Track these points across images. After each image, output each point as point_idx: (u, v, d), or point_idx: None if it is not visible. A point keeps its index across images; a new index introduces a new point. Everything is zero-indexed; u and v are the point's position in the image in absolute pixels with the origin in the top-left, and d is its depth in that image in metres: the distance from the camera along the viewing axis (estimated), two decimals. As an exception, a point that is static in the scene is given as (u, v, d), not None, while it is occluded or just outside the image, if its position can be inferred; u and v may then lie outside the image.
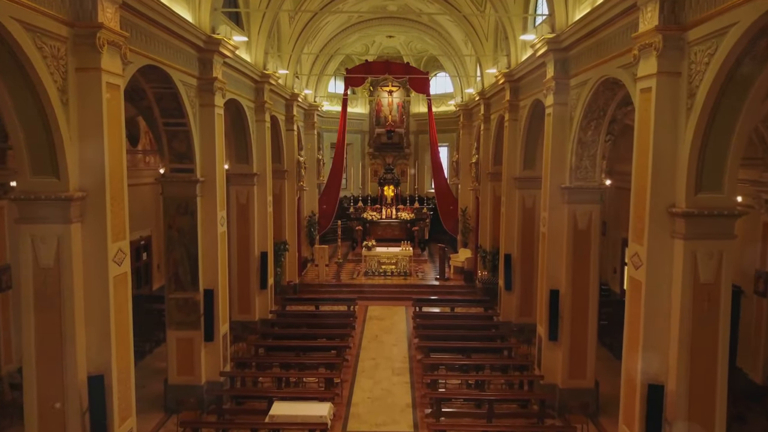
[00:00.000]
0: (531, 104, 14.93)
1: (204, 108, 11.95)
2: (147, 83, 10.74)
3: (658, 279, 7.51)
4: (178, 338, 12.06)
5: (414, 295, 20.61)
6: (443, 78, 30.77)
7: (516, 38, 16.01)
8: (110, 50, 7.60)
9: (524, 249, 16.33)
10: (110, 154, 7.65)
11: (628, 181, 8.18)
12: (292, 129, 21.02)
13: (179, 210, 11.87)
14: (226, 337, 12.81)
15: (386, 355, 15.42)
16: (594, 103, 10.91)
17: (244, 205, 16.42)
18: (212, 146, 12.05)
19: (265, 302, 17.09)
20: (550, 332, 12.06)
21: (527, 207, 16.37)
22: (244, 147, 16.12)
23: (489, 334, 15.21)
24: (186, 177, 11.79)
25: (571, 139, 11.61)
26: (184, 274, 11.97)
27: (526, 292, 16.47)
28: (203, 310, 12.01)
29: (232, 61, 13.51)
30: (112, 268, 7.70)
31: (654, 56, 7.34)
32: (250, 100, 16.08)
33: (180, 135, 11.61)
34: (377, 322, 18.51)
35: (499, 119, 18.56)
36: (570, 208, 11.81)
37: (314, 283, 22.08)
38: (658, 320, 7.53)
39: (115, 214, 7.78)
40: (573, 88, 11.64)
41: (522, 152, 16.12)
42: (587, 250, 11.83)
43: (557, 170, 12.01)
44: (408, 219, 27.29)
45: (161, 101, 11.16)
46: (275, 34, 18.93)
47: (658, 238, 7.46)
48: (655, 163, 7.41)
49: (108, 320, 7.61)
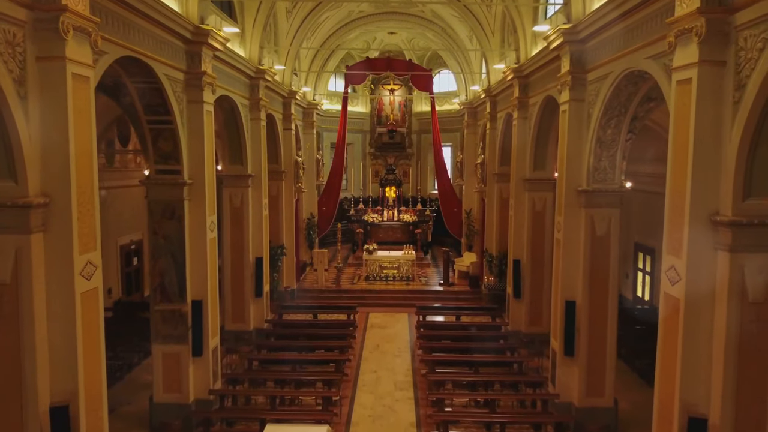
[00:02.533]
0: (542, 101, 14.05)
1: (192, 104, 11.06)
2: (128, 77, 9.85)
3: (699, 296, 6.58)
4: (164, 353, 11.17)
5: (417, 301, 19.75)
6: (446, 76, 29.87)
7: (526, 31, 15.11)
8: (77, 37, 6.71)
9: (534, 255, 15.44)
10: (78, 155, 6.76)
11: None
12: (290, 128, 20.13)
13: (165, 214, 10.98)
14: (216, 351, 11.92)
15: (388, 367, 14.53)
16: (615, 98, 10.00)
17: (238, 208, 15.52)
18: (201, 146, 11.17)
19: (260, 310, 16.19)
20: (566, 347, 11.16)
21: (537, 210, 15.49)
22: (238, 147, 15.23)
23: (498, 345, 14.31)
24: (172, 179, 10.90)
25: (589, 138, 10.71)
26: (170, 284, 11.08)
27: (535, 300, 15.59)
28: (191, 323, 11.13)
29: (223, 55, 12.63)
30: (80, 283, 6.81)
31: (695, 43, 6.43)
32: (245, 98, 15.19)
33: (165, 133, 10.72)
34: (379, 330, 17.62)
35: (507, 117, 17.68)
36: (587, 212, 10.91)
37: (313, 289, 21.18)
38: (699, 343, 6.62)
39: (83, 222, 6.89)
40: (591, 83, 10.73)
41: (532, 152, 15.24)
42: (606, 258, 10.94)
43: (573, 172, 11.12)
44: (410, 221, 26.40)
45: (144, 97, 10.27)
46: (271, 29, 18.03)
47: (700, 249, 6.54)
48: (696, 165, 6.50)
49: (74, 343, 6.71)
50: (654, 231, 17.25)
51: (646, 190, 15.74)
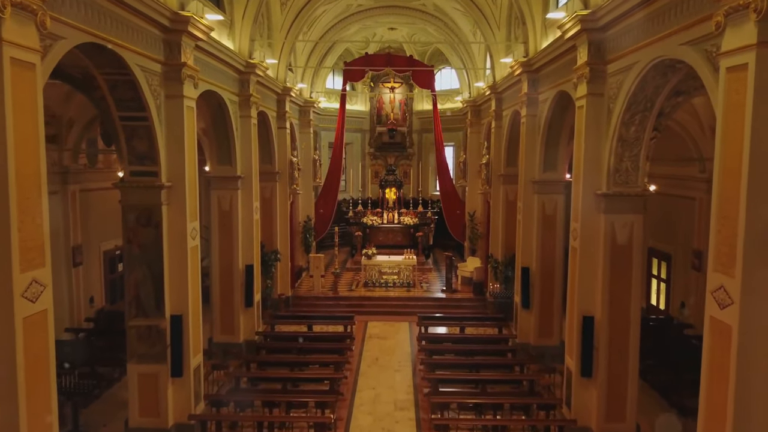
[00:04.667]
0: (554, 97, 13.01)
1: (170, 99, 10.02)
2: (96, 68, 8.83)
3: (757, 323, 5.52)
4: (140, 373, 10.14)
5: (418, 309, 18.74)
6: (448, 73, 28.85)
7: (535, 22, 14.06)
8: (18, 16, 5.67)
9: (544, 262, 14.41)
10: (17, 152, 5.72)
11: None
12: (285, 126, 19.06)
13: (140, 221, 9.96)
14: (198, 371, 10.87)
15: (388, 384, 13.48)
16: (640, 92, 8.96)
17: (227, 212, 14.49)
18: (181, 145, 10.14)
19: (251, 321, 15.14)
20: (583, 367, 10.11)
21: (548, 214, 14.46)
22: (226, 146, 14.18)
23: (506, 361, 13.25)
24: (148, 182, 9.88)
25: (610, 136, 9.66)
26: (146, 298, 10.05)
27: (546, 311, 14.55)
28: (170, 340, 10.09)
29: (208, 45, 11.61)
30: (21, 306, 5.76)
31: (752, 21, 5.39)
32: (234, 93, 14.15)
33: (140, 131, 9.69)
34: (378, 341, 16.57)
35: (513, 115, 16.65)
36: (607, 218, 9.86)
37: (309, 296, 20.14)
38: (756, 380, 5.55)
39: (25, 232, 5.84)
40: (612, 75, 9.68)
41: (542, 152, 14.21)
42: (627, 269, 9.89)
43: (591, 173, 10.07)
44: (411, 224, 25.32)
45: (116, 90, 9.25)
46: (264, 21, 17.00)
47: (758, 268, 5.48)
48: (754, 166, 5.45)
49: (14, 381, 5.65)
50: (670, 236, 16.26)
51: (662, 193, 14.75)
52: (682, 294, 16.05)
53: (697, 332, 15.00)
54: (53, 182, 14.86)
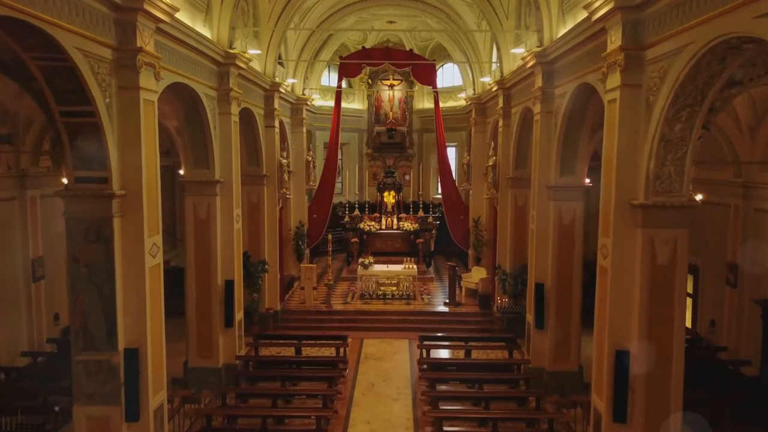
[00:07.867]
0: (572, 91, 11.40)
1: (124, 91, 8.39)
2: (25, 51, 7.22)
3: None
4: (88, 417, 8.49)
5: (419, 324, 17.22)
6: (451, 69, 27.25)
7: (551, 7, 12.45)
8: None
9: (561, 277, 12.80)
10: None
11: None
12: (273, 125, 17.43)
13: (88, 236, 8.31)
14: (161, 411, 9.23)
15: (384, 417, 11.84)
16: (690, 82, 7.34)
17: (203, 221, 12.86)
18: (137, 145, 8.50)
19: (231, 343, 13.46)
20: (615, 410, 8.47)
21: (565, 224, 12.84)
22: (203, 147, 12.56)
23: (519, 393, 11.63)
24: (97, 189, 8.24)
25: (650, 135, 8.04)
26: (95, 327, 8.39)
27: (563, 332, 12.91)
28: (124, 378, 8.46)
29: (176, 31, 10.02)
30: None
31: None
32: (211, 87, 12.53)
33: (86, 129, 8.06)
34: (374, 363, 14.92)
35: (524, 112, 15.04)
36: (645, 233, 8.21)
37: (300, 310, 18.51)
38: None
39: None
40: (651, 62, 8.06)
41: (558, 154, 12.60)
42: (669, 294, 8.26)
43: (625, 180, 8.42)
44: (411, 230, 23.68)
45: (53, 80, 7.64)
46: (249, 9, 15.37)
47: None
48: None
49: None
50: (698, 246, 14.54)
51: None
52: (712, 311, 14.44)
53: (732, 356, 13.42)
54: (8, 187, 13.26)
